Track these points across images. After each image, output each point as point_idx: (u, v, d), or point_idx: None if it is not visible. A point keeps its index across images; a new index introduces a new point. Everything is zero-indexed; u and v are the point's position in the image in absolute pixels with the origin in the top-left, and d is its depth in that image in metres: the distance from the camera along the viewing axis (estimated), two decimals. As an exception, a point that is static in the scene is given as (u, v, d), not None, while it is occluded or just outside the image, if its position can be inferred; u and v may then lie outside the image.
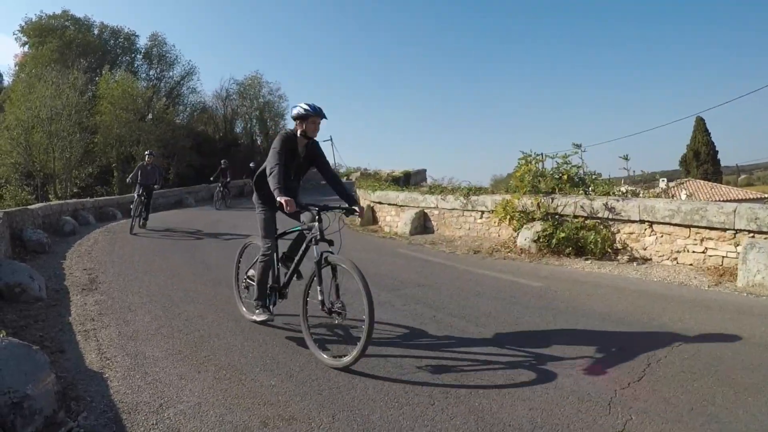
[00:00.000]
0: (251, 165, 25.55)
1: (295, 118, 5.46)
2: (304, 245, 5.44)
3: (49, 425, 3.37)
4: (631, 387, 4.11)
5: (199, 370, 4.59)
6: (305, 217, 5.48)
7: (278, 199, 4.88)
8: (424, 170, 46.31)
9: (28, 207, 14.42)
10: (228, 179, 25.22)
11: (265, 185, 5.37)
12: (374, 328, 4.49)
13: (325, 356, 4.73)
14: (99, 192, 31.59)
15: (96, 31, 41.78)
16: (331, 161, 57.92)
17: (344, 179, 51.20)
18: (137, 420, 3.67)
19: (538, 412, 3.72)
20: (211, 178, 25.33)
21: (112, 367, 4.65)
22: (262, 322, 5.61)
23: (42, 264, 9.44)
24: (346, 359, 4.51)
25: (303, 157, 5.60)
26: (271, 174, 5.06)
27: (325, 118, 5.45)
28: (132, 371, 4.56)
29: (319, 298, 4.88)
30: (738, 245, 7.66)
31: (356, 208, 5.47)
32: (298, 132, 5.43)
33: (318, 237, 5.04)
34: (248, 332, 5.58)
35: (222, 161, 25.98)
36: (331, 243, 5.00)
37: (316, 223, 5.10)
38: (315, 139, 5.61)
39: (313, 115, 5.37)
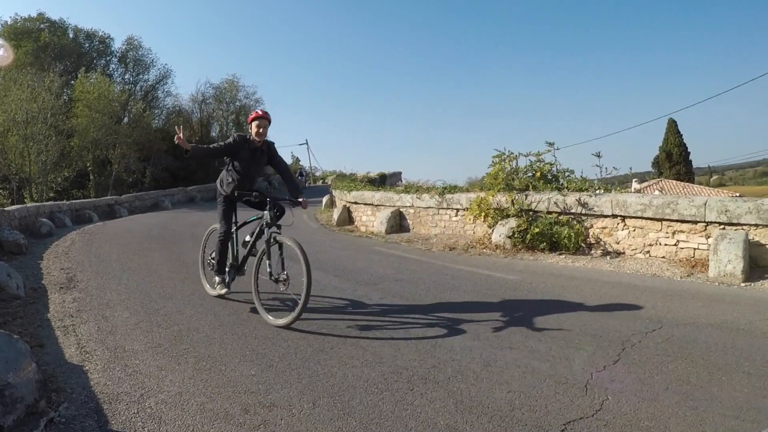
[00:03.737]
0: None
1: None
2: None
3: (31, 414, 3.38)
4: (606, 369, 4.21)
5: (179, 361, 4.62)
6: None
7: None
8: (400, 172, 46.47)
9: (5, 208, 14.29)
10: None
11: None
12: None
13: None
14: (75, 196, 31.32)
15: (71, 34, 41.36)
16: (306, 164, 58.01)
17: (320, 182, 51.46)
18: (118, 409, 3.69)
19: (516, 395, 3.80)
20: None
21: (92, 360, 4.65)
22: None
23: (19, 264, 9.35)
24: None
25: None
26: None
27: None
28: (112, 364, 4.57)
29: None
30: (709, 237, 7.82)
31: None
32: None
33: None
34: (228, 326, 5.60)
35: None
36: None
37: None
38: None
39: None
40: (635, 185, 39.52)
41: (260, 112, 6.44)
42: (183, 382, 4.17)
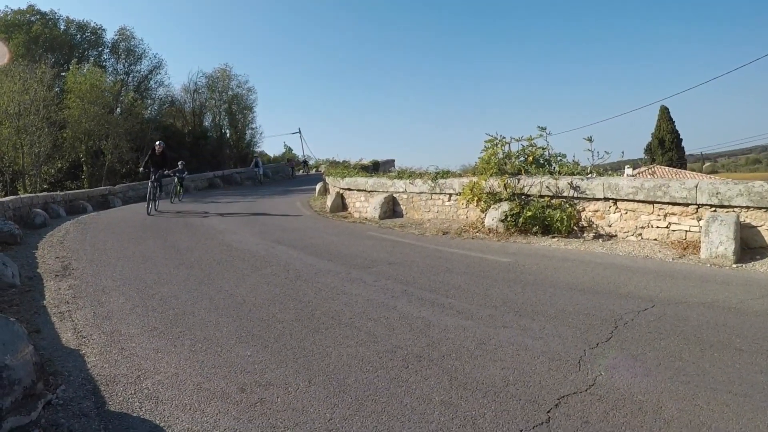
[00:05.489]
0: (180, 163, 23.01)
1: None
2: None
3: (28, 396, 3.38)
4: (599, 347, 4.26)
5: (175, 344, 4.66)
6: None
7: None
8: (393, 160, 46.46)
9: (-1, 199, 14.27)
10: (164, 170, 17.43)
11: None
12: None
13: None
14: (69, 187, 31.15)
15: (62, 26, 40.98)
16: (299, 152, 57.58)
17: (314, 170, 51.11)
18: (116, 391, 3.73)
19: (510, 371, 3.85)
20: (141, 168, 18.10)
21: (89, 344, 4.69)
22: None
23: (14, 254, 9.34)
24: None
25: None
26: None
27: None
28: (108, 347, 4.61)
29: None
30: (700, 219, 7.86)
31: None
32: None
33: None
34: (223, 309, 5.64)
35: (157, 143, 17.63)
36: None
37: None
38: None
39: None
40: (628, 171, 39.40)
41: None
42: (179, 363, 4.21)
